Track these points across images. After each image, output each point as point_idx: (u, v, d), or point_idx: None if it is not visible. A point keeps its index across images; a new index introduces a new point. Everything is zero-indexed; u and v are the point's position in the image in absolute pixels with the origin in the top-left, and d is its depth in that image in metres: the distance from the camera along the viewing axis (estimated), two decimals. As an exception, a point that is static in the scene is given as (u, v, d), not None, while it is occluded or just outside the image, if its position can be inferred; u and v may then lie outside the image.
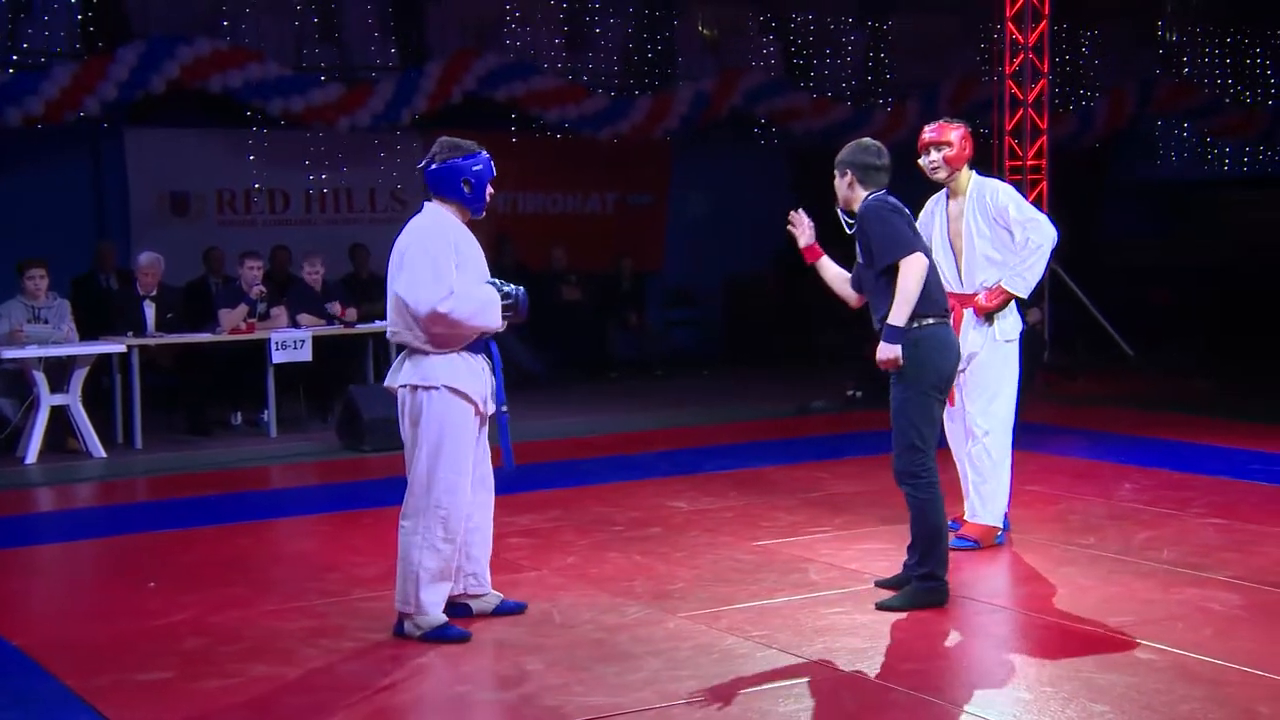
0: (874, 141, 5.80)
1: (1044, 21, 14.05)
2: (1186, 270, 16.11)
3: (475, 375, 5.16)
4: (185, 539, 7.19)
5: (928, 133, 6.48)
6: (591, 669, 4.83)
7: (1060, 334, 14.15)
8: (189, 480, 9.07)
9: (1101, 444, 9.48)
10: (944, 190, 6.58)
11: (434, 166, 5.19)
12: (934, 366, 5.47)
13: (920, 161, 6.49)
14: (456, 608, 5.37)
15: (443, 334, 5.06)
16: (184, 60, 12.74)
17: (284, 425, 10.82)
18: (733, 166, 16.23)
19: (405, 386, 5.14)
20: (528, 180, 15.06)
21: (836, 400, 11.98)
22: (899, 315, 5.39)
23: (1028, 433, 10.16)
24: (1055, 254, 8.60)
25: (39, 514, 8.40)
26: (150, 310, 10.71)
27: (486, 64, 14.20)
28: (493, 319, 5.14)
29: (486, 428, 5.34)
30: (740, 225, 15.90)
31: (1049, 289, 14.19)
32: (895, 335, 5.41)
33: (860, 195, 5.62)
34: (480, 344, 5.22)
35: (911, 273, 5.38)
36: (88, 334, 10.34)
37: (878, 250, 5.49)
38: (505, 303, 5.17)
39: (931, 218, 6.59)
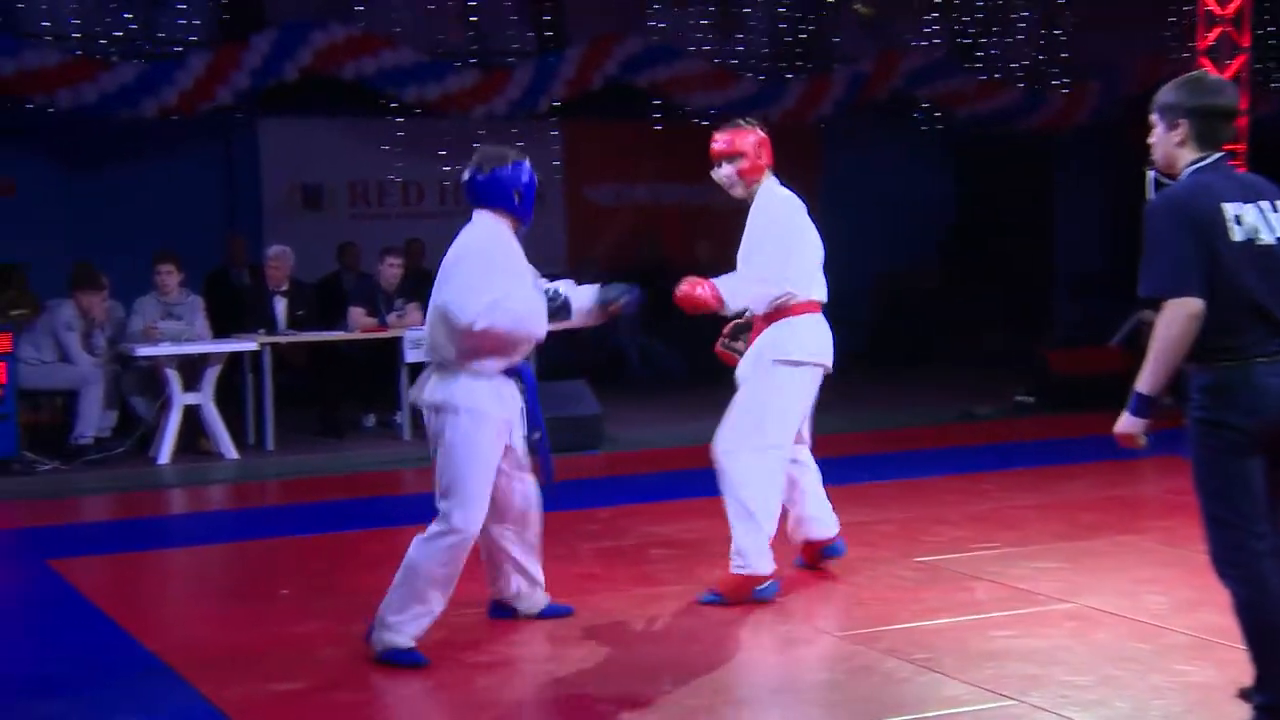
0: (1215, 76, 4.54)
1: (1245, -10, 13.59)
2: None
3: (500, 399, 5.17)
4: (318, 544, 7.35)
5: (717, 141, 6.13)
6: (740, 690, 4.81)
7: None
8: (321, 483, 9.26)
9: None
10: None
11: (481, 177, 5.29)
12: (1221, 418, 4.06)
13: (712, 174, 6.16)
14: (502, 609, 5.62)
15: (488, 347, 5.06)
16: (317, 47, 13.04)
17: (419, 427, 10.95)
18: (891, 154, 16.05)
19: (429, 405, 5.20)
20: (671, 171, 15.08)
21: (1004, 406, 11.77)
22: (1146, 379, 4.11)
23: None
24: None
25: (172, 516, 8.67)
26: (281, 306, 10.93)
27: (629, 48, 14.26)
28: (538, 326, 5.14)
29: (521, 448, 5.37)
30: (898, 217, 15.73)
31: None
32: (1140, 406, 4.17)
33: (1186, 159, 4.11)
34: (512, 370, 5.25)
35: (1174, 321, 3.97)
36: (220, 331, 10.60)
37: (1142, 268, 4.14)
38: (551, 307, 5.17)
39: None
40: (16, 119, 12.60)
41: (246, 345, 10.32)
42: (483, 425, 5.09)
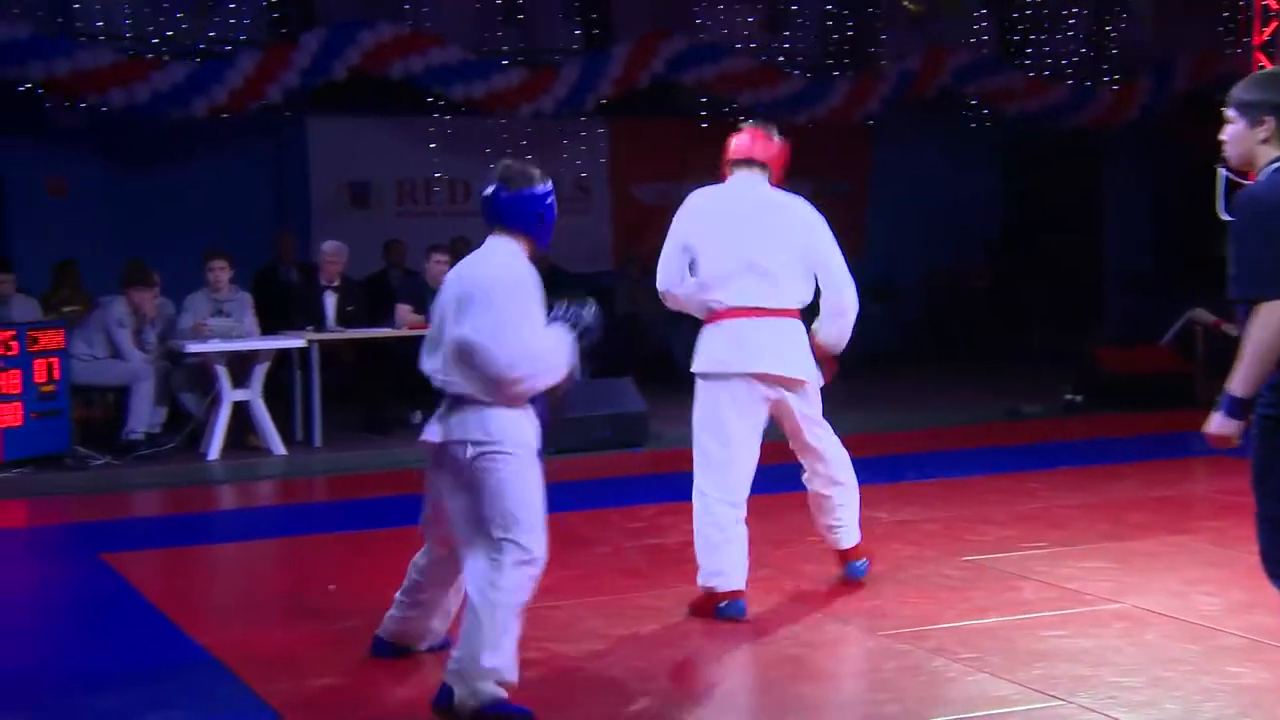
0: None
1: (1300, -17, 13.44)
2: None
3: (534, 429, 4.71)
4: (364, 541, 7.39)
5: (734, 148, 6.02)
6: (787, 688, 4.80)
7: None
8: (368, 480, 9.31)
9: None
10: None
11: (506, 194, 4.71)
12: None
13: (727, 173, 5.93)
14: (388, 648, 5.19)
15: (518, 391, 4.57)
16: (366, 46, 13.11)
17: (464, 424, 10.98)
18: (939, 152, 15.98)
19: (461, 444, 4.61)
20: (718, 169, 15.02)
21: (1053, 405, 11.69)
22: (1240, 381, 3.88)
23: None
24: None
25: (221, 511, 8.73)
26: (331, 301, 10.99)
27: (675, 46, 14.25)
28: (569, 361, 4.72)
29: None
30: (946, 215, 15.66)
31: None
32: (1233, 408, 3.91)
33: (1269, 156, 3.92)
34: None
35: (1269, 324, 3.79)
36: (268, 328, 10.68)
37: (1231, 269, 3.90)
38: (577, 332, 4.78)
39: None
40: (70, 119, 12.73)
41: (295, 342, 10.39)
42: (531, 457, 4.66)
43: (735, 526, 5.68)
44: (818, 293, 5.90)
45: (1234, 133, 3.99)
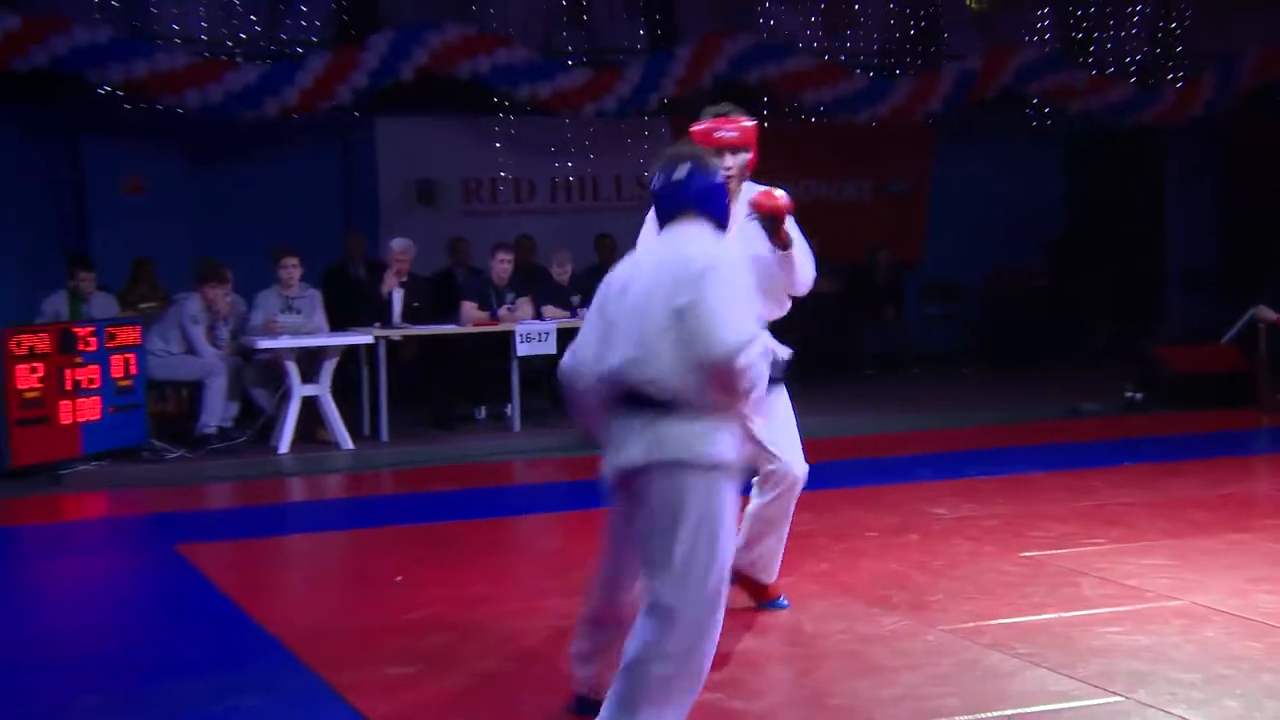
0: None
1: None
2: None
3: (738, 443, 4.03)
4: (429, 534, 7.46)
5: (727, 132, 5.40)
6: (844, 682, 4.81)
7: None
8: (433, 474, 9.37)
9: None
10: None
11: (700, 177, 4.21)
12: None
13: (723, 162, 5.11)
14: (588, 706, 4.30)
15: (728, 390, 3.85)
16: (433, 47, 13.19)
17: (528, 420, 11.07)
18: (1000, 151, 15.86)
19: (662, 464, 3.88)
20: (779, 167, 14.92)
21: (1113, 403, 11.60)
22: None
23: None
24: None
25: (291, 504, 8.84)
26: (399, 298, 11.07)
27: (739, 45, 14.24)
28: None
29: None
30: (1008, 215, 15.54)
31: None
32: None
33: None
34: None
35: None
36: (336, 324, 10.78)
37: None
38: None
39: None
40: (148, 119, 12.89)
41: (363, 339, 10.48)
42: (732, 483, 4.00)
43: None
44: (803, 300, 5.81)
45: None
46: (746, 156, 5.49)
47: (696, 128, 5.48)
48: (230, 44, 13.12)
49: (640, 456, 3.90)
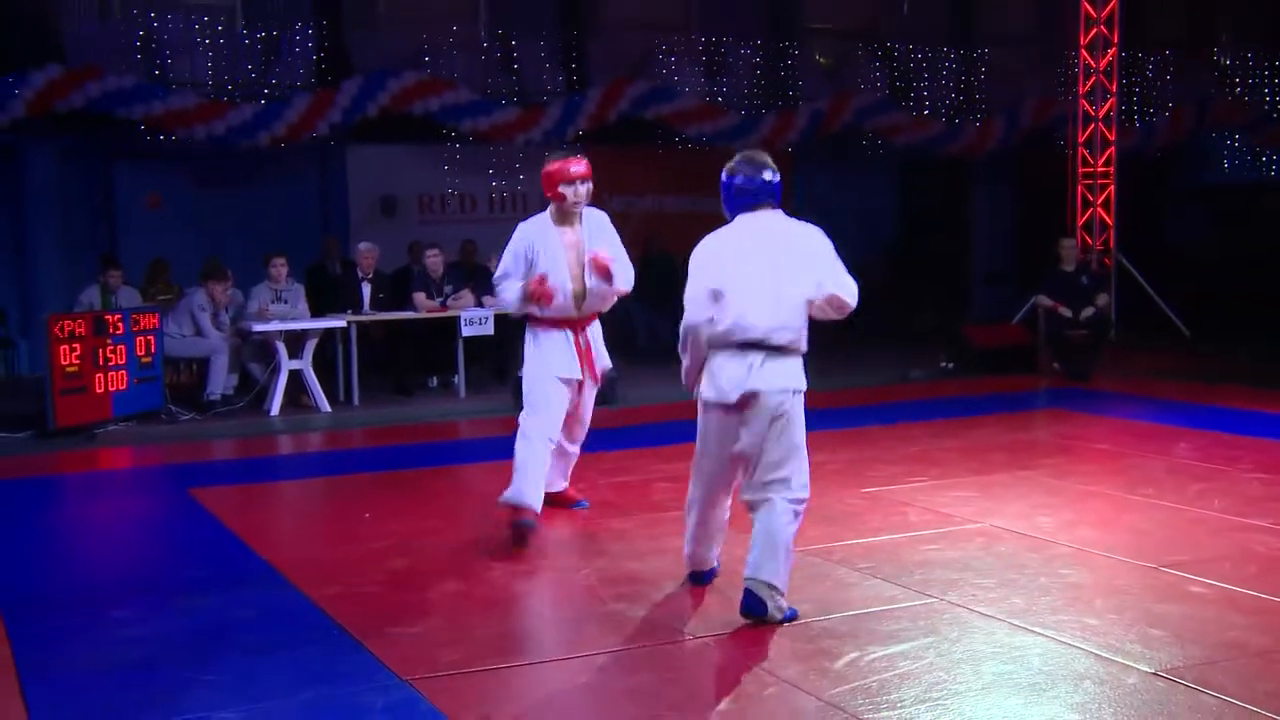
0: None
1: (1113, 49, 13.63)
2: (1238, 263, 15.48)
3: None
4: (392, 479, 7.38)
5: (579, 166, 5.76)
6: (711, 596, 4.83)
7: (1125, 317, 13.71)
8: (395, 431, 9.28)
9: (1161, 409, 9.17)
10: (541, 216, 5.86)
11: (778, 178, 4.63)
12: None
13: (566, 191, 5.71)
14: (705, 576, 4.90)
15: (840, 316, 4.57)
16: (394, 90, 13.02)
17: (471, 387, 11.00)
18: (845, 173, 15.99)
19: (784, 391, 4.40)
20: (670, 186, 15.05)
21: (932, 370, 11.76)
22: None
23: (1098, 399, 9.93)
24: (1120, 246, 7.77)
25: (280, 456, 8.69)
26: (367, 290, 10.96)
27: (638, 89, 14.20)
28: None
29: None
30: (853, 224, 15.68)
31: (1115, 278, 13.80)
32: None
33: None
34: None
35: None
36: (317, 312, 10.63)
37: None
38: None
39: (540, 247, 5.76)
40: (165, 148, 12.68)
41: (337, 323, 10.36)
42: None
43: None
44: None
45: None
46: (591, 185, 5.80)
47: (551, 166, 5.76)
48: (230, 87, 12.84)
49: (763, 385, 4.37)
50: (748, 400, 4.38)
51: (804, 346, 4.48)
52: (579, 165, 5.76)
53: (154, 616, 4.73)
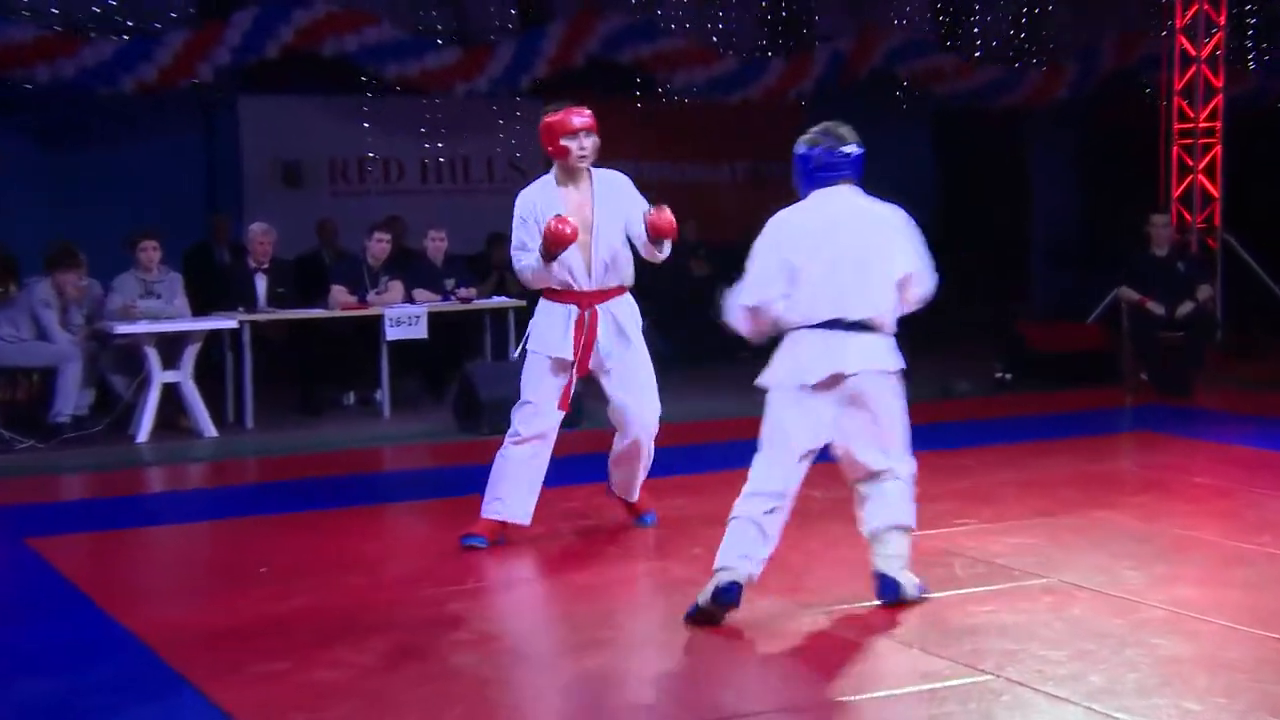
0: None
1: (1221, -32, 13.65)
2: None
3: None
4: (297, 522, 7.32)
5: (583, 118, 6.29)
6: (719, 670, 4.81)
7: (1233, 314, 13.76)
8: (300, 462, 9.23)
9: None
10: (543, 179, 6.44)
11: (858, 153, 5.76)
12: None
13: (570, 145, 6.26)
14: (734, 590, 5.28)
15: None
16: (299, 24, 12.96)
17: (398, 406, 10.96)
18: (871, 132, 15.98)
19: (885, 372, 5.33)
20: (652, 148, 15.01)
21: (983, 383, 11.79)
22: None
23: (1199, 420, 9.96)
24: (1228, 224, 7.82)
25: (151, 495, 8.63)
26: (262, 283, 10.91)
27: (611, 24, 14.21)
28: None
29: None
30: (881, 192, 15.71)
31: (1221, 264, 13.81)
32: None
33: None
34: None
35: None
36: (199, 309, 10.57)
37: None
38: None
39: (545, 210, 6.27)
40: (-6, 94, 12.54)
41: (226, 323, 10.30)
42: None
43: None
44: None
45: None
46: (597, 139, 6.31)
47: (550, 119, 6.27)
48: (82, 18, 12.73)
49: (857, 366, 5.17)
50: (837, 380, 5.17)
51: (894, 327, 5.29)
52: (582, 116, 6.28)
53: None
